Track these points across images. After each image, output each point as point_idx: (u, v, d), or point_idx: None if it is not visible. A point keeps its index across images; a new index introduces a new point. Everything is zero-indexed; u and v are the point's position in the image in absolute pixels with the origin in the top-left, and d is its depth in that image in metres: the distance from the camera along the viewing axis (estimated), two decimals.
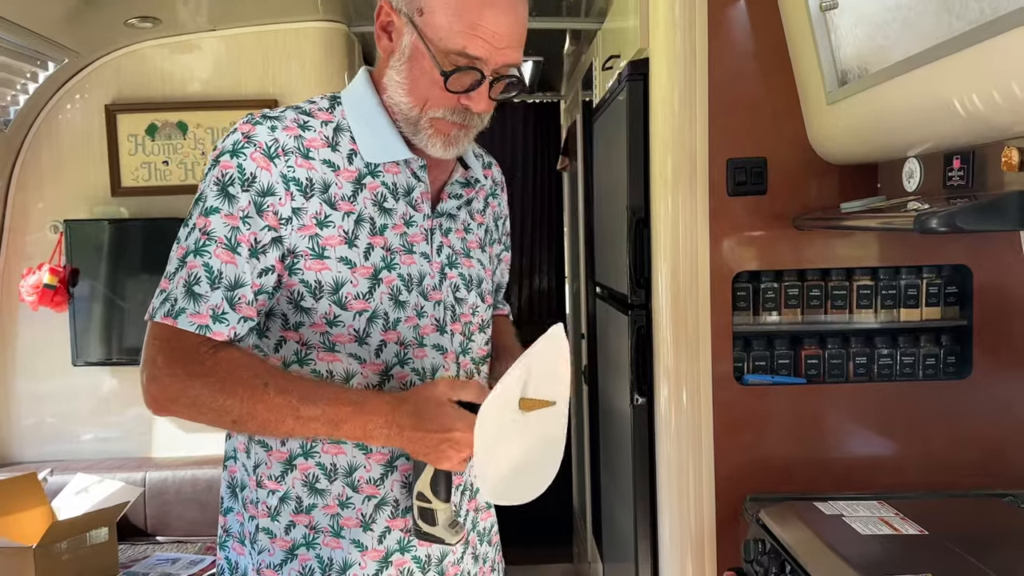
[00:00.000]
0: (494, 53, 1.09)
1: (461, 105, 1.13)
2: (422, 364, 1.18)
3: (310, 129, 1.14)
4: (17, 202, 2.87)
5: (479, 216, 1.33)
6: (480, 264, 1.29)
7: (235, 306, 1.09)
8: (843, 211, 1.77)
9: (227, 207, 1.09)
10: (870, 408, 2.03)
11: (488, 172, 1.37)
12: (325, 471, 1.16)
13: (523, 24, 1.13)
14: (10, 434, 2.93)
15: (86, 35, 2.66)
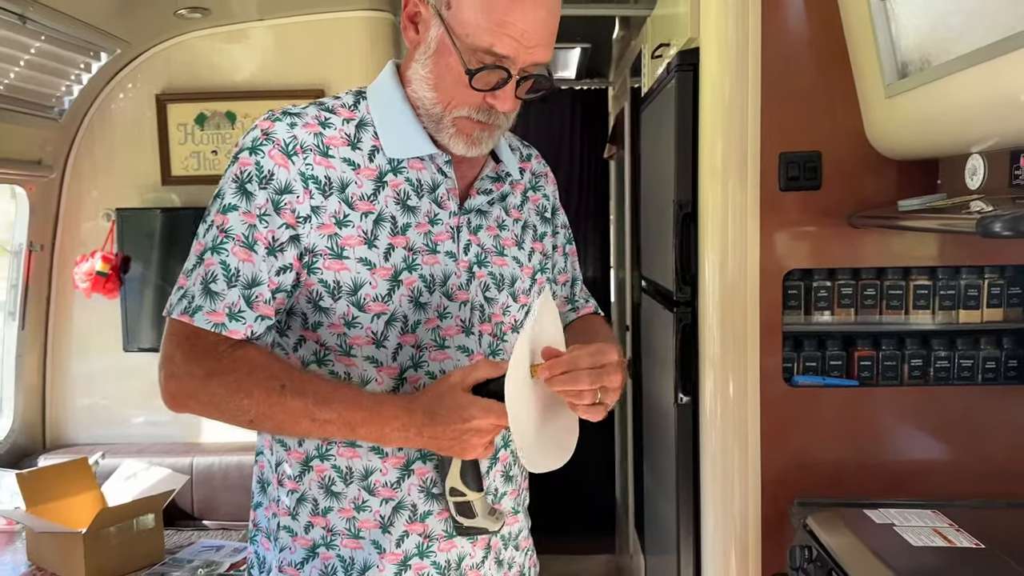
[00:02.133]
0: (522, 52, 1.06)
1: (486, 104, 1.10)
2: (441, 367, 1.16)
3: (331, 126, 1.13)
4: (71, 190, 2.93)
5: (515, 212, 1.27)
6: (516, 262, 1.25)
7: (252, 304, 1.08)
8: (901, 209, 1.71)
9: (245, 205, 1.08)
10: (925, 412, 1.96)
11: (526, 164, 1.33)
12: (340, 474, 1.15)
13: (554, 21, 1.09)
14: (65, 416, 3.01)
15: (137, 26, 2.69)
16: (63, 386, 3.00)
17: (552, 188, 1.38)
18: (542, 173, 1.36)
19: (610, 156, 4.00)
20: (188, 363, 1.07)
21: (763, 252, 1.94)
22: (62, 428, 3.01)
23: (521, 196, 1.30)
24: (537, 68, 1.09)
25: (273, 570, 1.19)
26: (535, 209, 1.32)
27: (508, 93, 1.08)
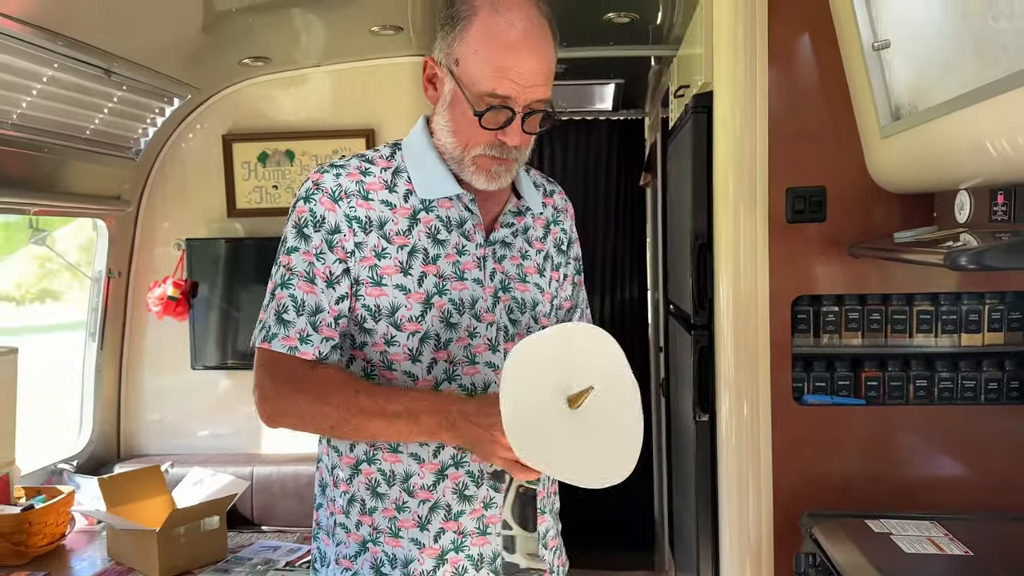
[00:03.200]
0: (521, 92, 1.22)
1: (498, 141, 1.25)
2: (471, 380, 1.31)
3: (370, 174, 1.31)
4: (146, 222, 3.22)
5: (538, 243, 1.41)
6: (537, 288, 1.39)
7: (318, 328, 1.27)
8: (896, 241, 1.84)
9: (304, 246, 1.28)
10: (930, 430, 2.07)
11: (549, 200, 1.47)
12: (385, 477, 1.33)
13: (548, 63, 1.25)
14: (138, 429, 3.28)
15: (205, 74, 2.96)
16: (136, 401, 3.28)
17: (570, 223, 1.51)
18: (563, 208, 1.50)
19: (646, 184, 4.16)
20: (276, 384, 1.26)
21: (772, 280, 2.09)
22: (135, 439, 3.28)
23: (543, 229, 1.44)
24: (539, 104, 1.25)
25: (331, 563, 1.38)
26: (554, 241, 1.46)
27: (515, 129, 1.25)
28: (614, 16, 2.59)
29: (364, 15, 2.60)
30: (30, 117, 2.42)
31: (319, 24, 2.67)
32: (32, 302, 11.14)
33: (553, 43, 1.28)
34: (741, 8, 2.07)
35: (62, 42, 2.26)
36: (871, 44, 1.83)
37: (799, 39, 2.07)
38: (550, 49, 1.27)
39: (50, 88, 2.39)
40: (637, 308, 4.56)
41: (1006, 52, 1.32)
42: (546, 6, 1.28)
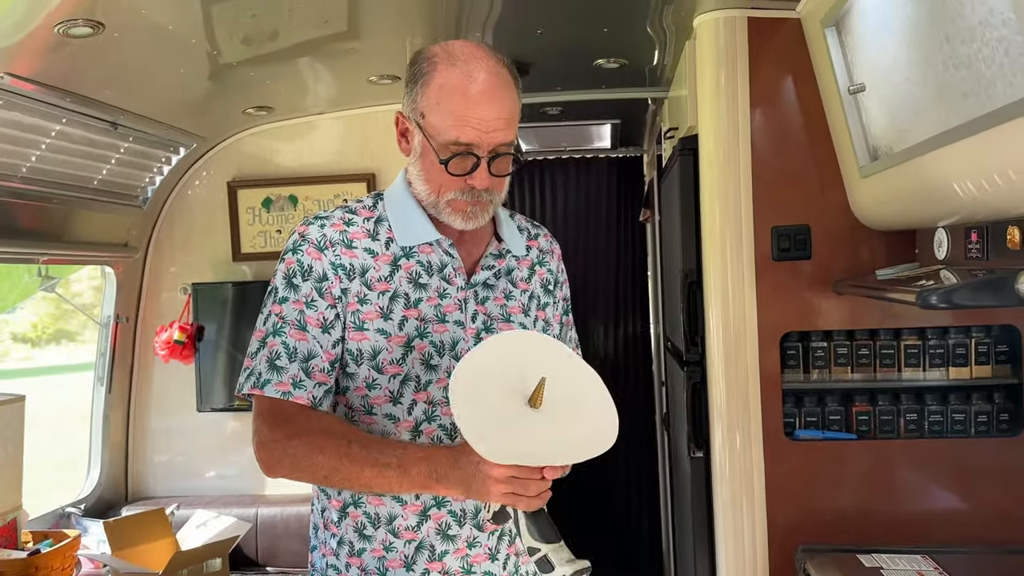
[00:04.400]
0: (483, 137, 1.27)
1: (467, 185, 1.30)
2: (452, 420, 1.31)
3: (353, 224, 1.36)
4: (153, 267, 3.29)
5: (523, 283, 1.44)
6: (522, 327, 1.41)
7: (311, 375, 1.30)
8: (878, 278, 1.88)
9: (294, 295, 1.32)
10: (921, 464, 2.09)
11: (534, 243, 1.50)
12: (370, 519, 1.36)
13: (508, 107, 1.29)
14: (146, 471, 3.33)
15: (210, 123, 3.05)
16: (144, 443, 3.32)
17: (557, 263, 1.53)
18: (548, 250, 1.52)
19: (645, 219, 4.21)
20: (272, 431, 1.29)
21: (761, 316, 2.12)
22: (143, 482, 3.33)
23: (528, 270, 1.46)
24: (503, 148, 1.29)
25: None
26: (540, 282, 1.48)
27: (481, 173, 1.29)
28: (603, 62, 2.66)
29: (362, 66, 2.68)
30: (39, 170, 2.50)
31: (320, 75, 2.76)
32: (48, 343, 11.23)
33: (513, 87, 1.33)
34: (723, 54, 2.13)
35: (70, 99, 2.35)
36: (847, 88, 1.89)
37: (780, 82, 2.14)
38: (509, 94, 1.31)
39: (58, 142, 2.48)
40: (640, 343, 4.59)
41: (966, 99, 1.37)
42: (503, 55, 1.34)
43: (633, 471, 4.57)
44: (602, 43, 2.51)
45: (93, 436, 3.18)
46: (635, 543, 4.60)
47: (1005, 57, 1.23)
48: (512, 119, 1.31)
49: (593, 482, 4.45)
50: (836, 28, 1.89)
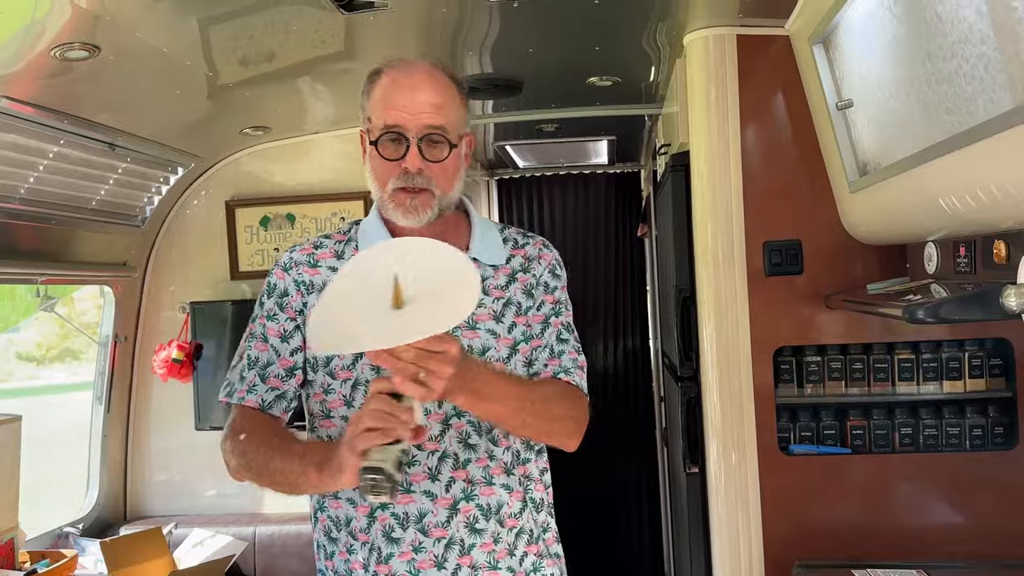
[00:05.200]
0: (411, 119, 1.34)
1: (402, 170, 1.35)
2: None
3: (323, 247, 1.47)
4: (151, 286, 3.31)
5: (497, 291, 1.44)
6: (491, 335, 1.41)
7: (265, 380, 1.41)
8: (870, 292, 1.89)
9: (260, 311, 1.45)
10: (917, 478, 2.08)
11: (519, 251, 1.49)
12: (333, 522, 1.42)
13: (436, 94, 1.36)
14: (144, 490, 3.33)
15: (208, 144, 3.08)
16: (142, 462, 3.33)
17: (543, 268, 1.49)
18: (536, 256, 1.50)
19: (643, 234, 4.23)
20: (231, 435, 1.38)
21: (754, 331, 2.13)
22: (141, 501, 3.33)
23: (506, 278, 1.46)
24: (433, 131, 1.34)
25: None
26: (522, 288, 1.46)
27: (412, 154, 1.34)
28: (596, 80, 2.68)
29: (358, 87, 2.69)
30: (37, 191, 2.52)
31: (317, 95, 2.78)
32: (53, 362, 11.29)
33: (448, 84, 1.39)
34: (713, 71, 2.15)
35: (68, 121, 2.37)
36: (836, 104, 1.90)
37: (770, 99, 2.15)
38: (440, 86, 1.38)
39: (56, 163, 2.50)
40: (640, 358, 4.59)
41: (949, 115, 1.38)
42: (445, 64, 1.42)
43: (634, 487, 4.56)
44: (595, 61, 2.53)
45: (92, 455, 3.18)
46: (637, 558, 4.58)
47: (985, 73, 1.24)
48: (442, 107, 1.36)
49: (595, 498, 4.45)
50: (824, 45, 1.91)
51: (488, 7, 2.01)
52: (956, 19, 1.28)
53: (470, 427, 1.39)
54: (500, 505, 1.40)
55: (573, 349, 1.49)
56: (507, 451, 1.43)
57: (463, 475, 1.39)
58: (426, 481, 1.37)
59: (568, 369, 1.47)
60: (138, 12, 1.86)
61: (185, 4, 1.88)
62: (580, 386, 1.47)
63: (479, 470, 1.40)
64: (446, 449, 1.38)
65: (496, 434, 1.41)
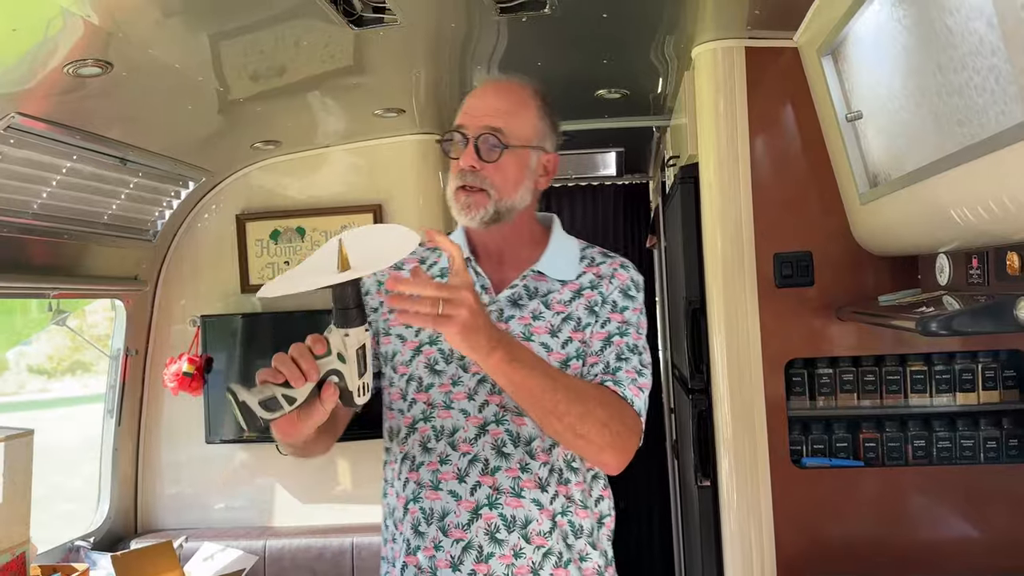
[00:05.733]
0: (473, 120, 1.41)
1: (459, 168, 1.40)
2: (443, 423, 1.40)
3: (414, 254, 1.51)
4: (162, 300, 3.32)
5: (559, 305, 1.43)
6: (544, 348, 1.40)
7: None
8: (881, 304, 1.88)
9: None
10: (931, 491, 2.07)
11: (593, 269, 1.48)
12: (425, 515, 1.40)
13: (502, 101, 1.42)
14: (155, 503, 3.33)
15: (219, 158, 3.09)
16: (153, 475, 3.33)
17: (612, 288, 1.46)
18: (608, 275, 1.47)
19: (652, 245, 4.22)
20: None
21: (765, 344, 2.12)
22: (152, 514, 3.33)
23: (572, 293, 1.45)
24: (488, 131, 1.39)
25: None
26: (585, 304, 1.44)
27: (467, 152, 1.39)
28: (605, 92, 2.69)
29: (368, 101, 2.72)
30: (50, 206, 2.54)
31: (327, 109, 2.79)
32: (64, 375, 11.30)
33: (520, 93, 1.44)
34: (722, 83, 2.15)
35: (80, 136, 2.39)
36: (845, 115, 1.90)
37: (779, 111, 2.15)
38: (510, 94, 1.44)
39: (69, 178, 2.52)
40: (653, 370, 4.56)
41: (960, 126, 1.38)
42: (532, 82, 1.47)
43: (644, 498, 4.53)
44: (603, 74, 2.54)
45: (103, 469, 3.18)
46: (648, 571, 4.55)
47: (996, 85, 1.24)
48: (506, 112, 1.41)
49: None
50: (832, 57, 1.91)
51: (496, 22, 2.02)
52: (966, 31, 1.27)
53: (507, 436, 1.39)
54: (528, 520, 1.37)
55: (633, 369, 1.41)
56: (545, 467, 1.39)
57: (490, 481, 1.38)
58: (453, 481, 1.38)
59: (620, 381, 1.39)
60: (150, 29, 1.88)
61: (197, 21, 1.89)
62: (630, 401, 1.38)
63: (508, 479, 1.38)
64: (478, 453, 1.38)
65: (534, 447, 1.39)
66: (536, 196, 1.50)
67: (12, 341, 7.12)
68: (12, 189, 2.37)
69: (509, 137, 1.40)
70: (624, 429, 1.34)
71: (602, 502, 1.47)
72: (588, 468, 1.44)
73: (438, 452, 1.40)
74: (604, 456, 1.33)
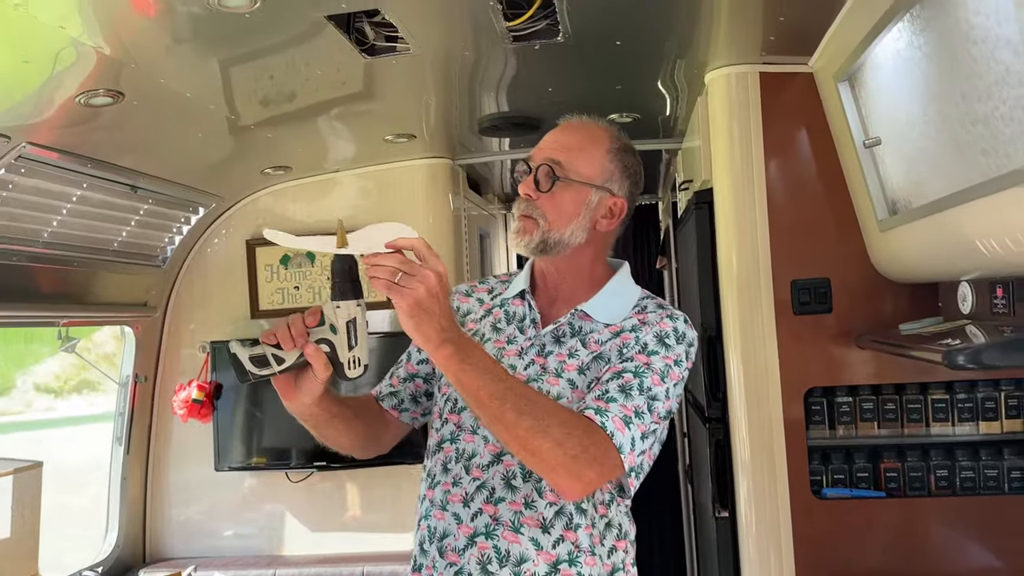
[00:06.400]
0: (538, 152, 1.45)
1: (518, 196, 1.45)
2: (465, 447, 1.41)
3: (484, 283, 1.61)
4: (171, 325, 3.30)
5: (594, 344, 1.40)
6: (570, 384, 1.38)
7: (391, 377, 1.58)
8: (902, 332, 1.85)
9: None
10: (955, 522, 2.02)
11: (641, 315, 1.42)
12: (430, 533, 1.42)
13: (569, 136, 1.46)
14: (164, 531, 3.30)
15: (229, 184, 3.09)
16: (162, 503, 3.30)
17: (647, 333, 1.38)
18: (651, 322, 1.41)
19: (662, 267, 4.19)
20: None
21: (783, 372, 2.09)
22: (160, 542, 3.29)
23: (611, 335, 1.40)
24: (549, 161, 1.42)
25: None
26: (619, 345, 1.38)
27: (527, 181, 1.44)
28: (616, 116, 2.67)
29: (379, 126, 2.72)
30: (60, 234, 2.53)
31: (337, 134, 2.78)
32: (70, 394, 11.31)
33: (590, 131, 1.48)
34: (736, 109, 2.14)
35: (91, 164, 2.38)
36: (863, 141, 1.88)
37: (794, 136, 2.13)
38: (579, 131, 1.48)
39: (79, 206, 2.51)
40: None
41: (985, 156, 1.35)
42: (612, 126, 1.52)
43: (656, 524, 4.47)
44: (614, 99, 2.52)
45: (111, 497, 3.16)
46: None
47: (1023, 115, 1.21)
48: (570, 147, 1.44)
49: None
50: (849, 82, 1.89)
51: (508, 50, 2.01)
52: (992, 60, 1.25)
53: (519, 468, 1.36)
54: (522, 558, 1.33)
55: (633, 408, 1.29)
56: (551, 507, 1.35)
57: (492, 511, 1.36)
58: (459, 504, 1.38)
59: (605, 411, 1.28)
60: (162, 58, 1.87)
61: (208, 49, 1.89)
62: (609, 432, 1.26)
63: (510, 512, 1.35)
64: (487, 481, 1.37)
65: (544, 485, 1.34)
66: (597, 237, 1.46)
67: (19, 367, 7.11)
68: (23, 218, 2.36)
69: (567, 170, 1.41)
70: (583, 454, 1.23)
71: (615, 553, 1.40)
72: (600, 515, 1.38)
73: (453, 474, 1.41)
74: (556, 478, 1.24)
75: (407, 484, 3.09)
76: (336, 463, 3.09)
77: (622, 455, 1.28)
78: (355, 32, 1.90)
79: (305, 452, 3.14)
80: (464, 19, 1.83)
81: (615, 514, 1.41)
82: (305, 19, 1.76)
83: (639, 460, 1.32)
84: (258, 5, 1.62)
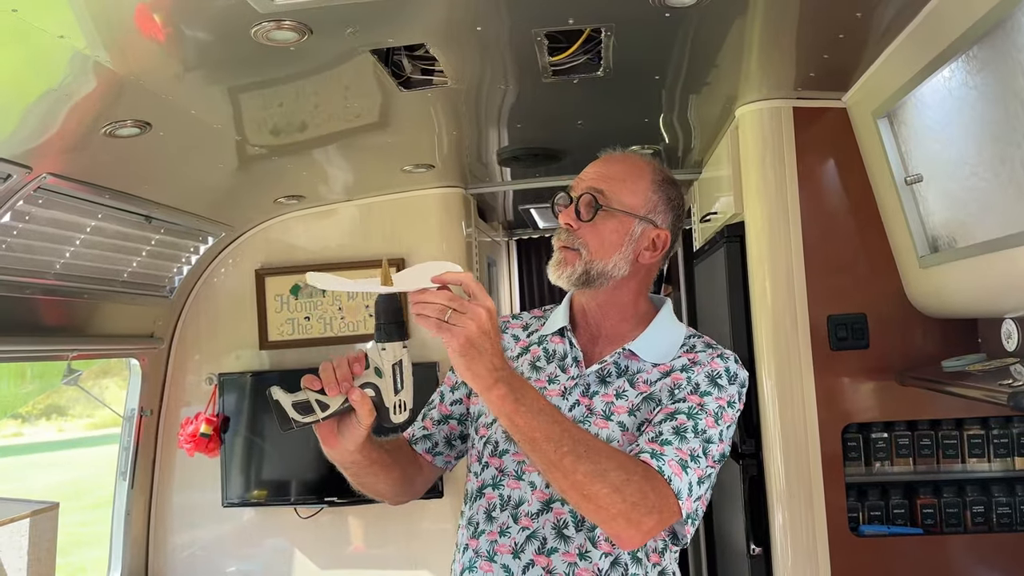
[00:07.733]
0: (580, 182, 1.43)
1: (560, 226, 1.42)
2: (510, 493, 1.36)
3: (519, 318, 1.57)
4: (178, 356, 3.22)
5: (644, 385, 1.36)
6: (620, 427, 1.33)
7: (423, 419, 1.53)
8: (945, 370, 1.84)
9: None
10: (991, 559, 2.02)
11: (691, 355, 1.39)
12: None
13: (610, 167, 1.43)
14: (168, 566, 3.20)
15: (240, 213, 3.03)
16: (165, 539, 3.20)
17: (699, 373, 1.36)
18: (703, 362, 1.38)
19: (667, 295, 4.19)
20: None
21: (820, 408, 2.07)
22: None
23: (660, 375, 1.37)
24: (590, 190, 1.39)
25: None
26: (670, 386, 1.35)
27: (568, 210, 1.40)
28: (638, 148, 2.67)
29: (400, 156, 2.69)
30: (72, 265, 2.46)
31: (353, 165, 2.75)
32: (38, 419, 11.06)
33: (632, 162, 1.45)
34: (768, 143, 2.13)
35: (108, 195, 2.33)
36: (904, 178, 1.88)
37: (827, 170, 2.13)
38: (620, 162, 1.45)
39: (93, 237, 2.45)
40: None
41: None
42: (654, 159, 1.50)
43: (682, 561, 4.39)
44: (640, 132, 2.52)
45: (115, 534, 3.06)
46: None
47: None
48: (612, 178, 1.41)
49: None
50: (889, 119, 1.90)
51: (545, 84, 1.99)
52: None
53: (570, 517, 1.32)
54: None
55: (688, 451, 1.25)
56: (607, 558, 1.31)
57: (544, 562, 1.31)
58: (508, 555, 1.33)
59: (662, 455, 1.23)
60: (197, 90, 1.84)
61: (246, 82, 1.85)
62: (667, 477, 1.22)
63: (563, 564, 1.31)
64: (537, 530, 1.33)
65: (597, 534, 1.30)
66: (640, 271, 1.42)
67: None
68: (38, 250, 2.29)
69: (610, 200, 1.38)
70: (643, 501, 1.18)
71: None
72: (654, 563, 1.34)
73: (499, 522, 1.35)
74: (615, 527, 1.19)
75: (420, 518, 3.03)
76: (346, 497, 3.03)
77: (680, 501, 1.23)
78: (392, 65, 1.88)
79: (313, 487, 3.07)
80: (508, 53, 1.81)
81: (668, 562, 1.37)
82: (349, 53, 1.73)
83: (695, 506, 1.28)
84: (306, 38, 1.60)
